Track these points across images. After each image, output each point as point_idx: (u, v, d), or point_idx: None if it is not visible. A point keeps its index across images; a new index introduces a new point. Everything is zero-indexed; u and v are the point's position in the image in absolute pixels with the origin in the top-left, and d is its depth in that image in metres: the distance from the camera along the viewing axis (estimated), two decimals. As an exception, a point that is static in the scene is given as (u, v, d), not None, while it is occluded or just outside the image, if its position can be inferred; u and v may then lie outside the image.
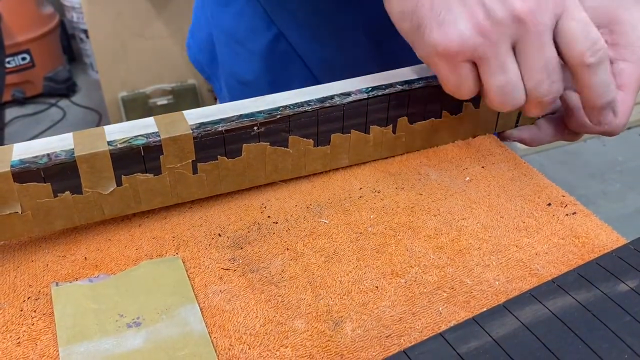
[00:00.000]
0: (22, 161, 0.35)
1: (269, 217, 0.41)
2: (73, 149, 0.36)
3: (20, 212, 0.36)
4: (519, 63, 0.36)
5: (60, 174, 0.36)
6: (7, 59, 2.24)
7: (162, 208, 0.41)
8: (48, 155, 0.36)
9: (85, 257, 0.38)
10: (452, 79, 0.38)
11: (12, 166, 0.35)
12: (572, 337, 0.29)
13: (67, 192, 0.37)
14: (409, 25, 0.37)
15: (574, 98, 0.44)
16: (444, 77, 0.38)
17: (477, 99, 0.47)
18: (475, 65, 0.37)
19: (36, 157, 0.36)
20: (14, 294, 0.35)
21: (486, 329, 0.30)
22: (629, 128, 2.04)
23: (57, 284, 0.36)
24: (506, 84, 0.36)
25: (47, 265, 0.37)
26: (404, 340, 0.33)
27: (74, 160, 0.36)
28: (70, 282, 0.36)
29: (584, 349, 0.29)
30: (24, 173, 0.35)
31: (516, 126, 0.51)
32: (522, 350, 0.29)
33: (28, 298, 0.35)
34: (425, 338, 0.31)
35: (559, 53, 0.37)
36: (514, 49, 0.36)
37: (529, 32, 0.35)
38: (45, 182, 0.36)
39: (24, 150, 0.36)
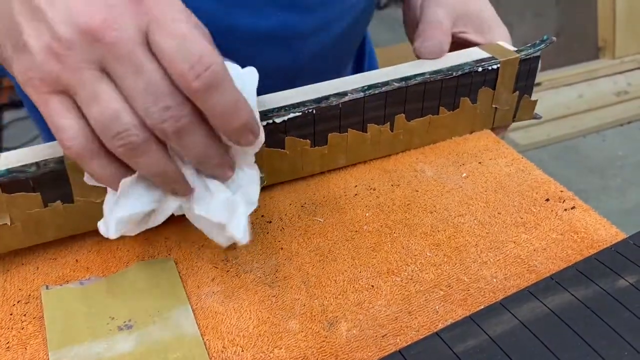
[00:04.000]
0: (9, 170, 0.34)
1: (262, 216, 0.41)
2: (63, 156, 0.35)
3: (9, 223, 0.35)
4: (120, 89, 0.29)
5: (50, 182, 0.35)
6: (4, 62, 2.24)
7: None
8: (37, 163, 0.35)
9: (76, 260, 0.37)
10: (47, 116, 0.30)
11: None
12: (571, 335, 0.29)
13: (58, 202, 0.36)
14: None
15: None
16: (44, 116, 0.30)
17: (474, 95, 0.46)
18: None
19: (24, 165, 0.34)
20: (3, 297, 0.35)
21: (483, 328, 0.29)
22: (629, 122, 2.03)
23: (47, 287, 0.35)
24: (102, 114, 0.29)
25: (38, 268, 0.37)
26: (400, 339, 0.32)
27: (64, 168, 0.35)
28: (61, 285, 0.35)
29: (583, 346, 0.28)
30: (12, 183, 0.34)
31: (514, 121, 0.50)
32: (520, 348, 0.28)
33: (18, 302, 0.35)
34: (421, 337, 0.30)
35: None
36: (109, 73, 0.29)
37: (112, 52, 0.28)
38: (34, 192, 0.35)
39: (11, 159, 0.35)
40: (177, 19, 0.29)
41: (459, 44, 0.52)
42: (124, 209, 0.32)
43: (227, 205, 0.33)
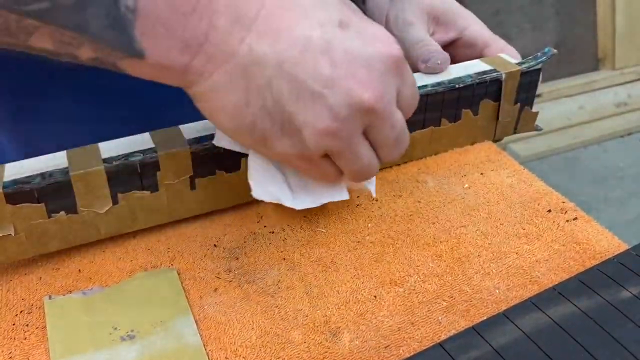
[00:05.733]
0: (14, 181, 0.34)
1: (265, 226, 0.41)
2: (67, 167, 0.35)
3: (13, 234, 0.35)
4: (372, 141, 0.34)
5: (55, 193, 0.35)
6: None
7: (157, 219, 0.41)
8: (42, 174, 0.35)
9: (79, 270, 0.38)
10: (311, 170, 0.35)
11: (4, 187, 0.34)
12: (574, 345, 0.29)
13: (62, 212, 0.36)
14: (250, 139, 0.33)
15: None
16: (305, 172, 0.36)
17: (476, 107, 0.46)
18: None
19: (29, 177, 0.35)
20: (6, 307, 0.35)
21: (486, 338, 0.29)
22: (629, 134, 2.03)
23: (50, 297, 0.35)
24: (362, 168, 0.34)
25: (41, 278, 0.37)
26: (402, 350, 0.32)
27: (69, 179, 0.35)
28: (64, 295, 0.35)
29: (586, 357, 0.28)
30: (17, 194, 0.34)
31: (514, 133, 0.50)
32: (523, 359, 0.28)
33: (21, 312, 0.35)
34: (424, 348, 0.30)
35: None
36: (365, 131, 0.33)
37: (379, 116, 0.32)
38: (39, 203, 0.35)
39: (16, 170, 0.35)
40: (408, 67, 0.34)
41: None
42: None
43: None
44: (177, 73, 0.31)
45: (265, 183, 0.36)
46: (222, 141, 0.37)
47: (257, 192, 0.36)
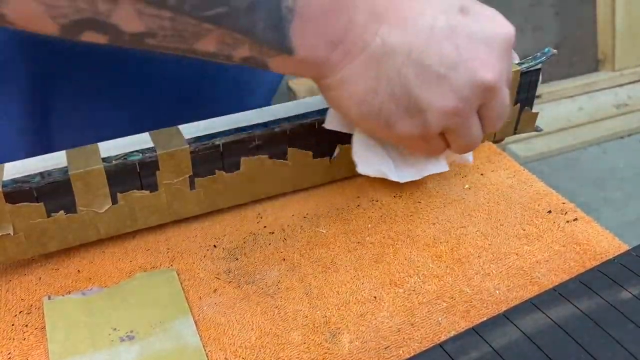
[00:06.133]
0: (14, 181, 0.34)
1: (265, 227, 0.41)
2: (66, 167, 0.35)
3: (12, 233, 0.35)
4: (482, 116, 0.36)
5: (54, 193, 0.35)
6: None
7: (157, 219, 0.41)
8: (41, 174, 0.35)
9: (79, 270, 0.37)
10: (425, 148, 0.37)
11: (3, 186, 0.34)
12: (574, 346, 0.28)
13: (61, 212, 0.36)
14: (375, 123, 0.35)
15: None
16: (417, 148, 0.38)
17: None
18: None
19: (28, 176, 0.35)
20: (5, 308, 0.35)
21: (486, 339, 0.29)
22: (629, 135, 2.03)
23: (49, 298, 0.35)
24: (470, 141, 0.37)
25: (40, 278, 0.37)
26: (402, 351, 0.32)
27: (68, 179, 0.35)
28: (63, 296, 0.35)
29: (586, 357, 0.28)
30: (16, 193, 0.34)
31: (515, 134, 0.50)
32: (524, 360, 0.28)
33: (20, 312, 0.35)
34: (424, 349, 0.30)
35: None
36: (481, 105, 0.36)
37: (495, 93, 0.34)
38: (38, 202, 0.35)
39: (15, 169, 0.35)
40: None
41: None
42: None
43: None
44: (316, 67, 0.32)
45: (369, 159, 0.38)
46: (332, 124, 0.39)
47: (362, 168, 0.38)
